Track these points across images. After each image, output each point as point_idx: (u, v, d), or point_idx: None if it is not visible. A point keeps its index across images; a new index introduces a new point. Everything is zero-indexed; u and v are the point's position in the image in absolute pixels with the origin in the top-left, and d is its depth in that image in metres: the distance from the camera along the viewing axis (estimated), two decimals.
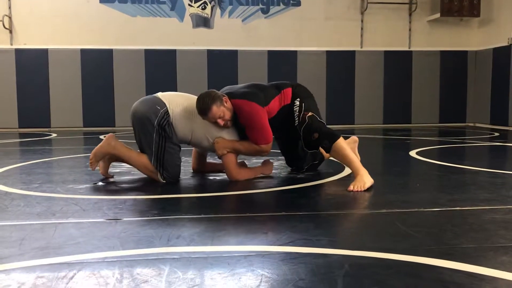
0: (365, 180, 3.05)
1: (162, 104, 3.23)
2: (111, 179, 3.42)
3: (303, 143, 3.34)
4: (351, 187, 3.00)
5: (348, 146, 3.25)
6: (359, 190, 2.99)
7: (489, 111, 9.40)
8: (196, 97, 3.28)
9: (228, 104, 3.22)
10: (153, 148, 3.22)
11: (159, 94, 3.35)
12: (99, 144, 3.33)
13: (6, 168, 3.96)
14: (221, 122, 3.19)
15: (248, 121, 3.24)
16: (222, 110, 3.16)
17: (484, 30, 9.78)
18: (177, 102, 3.29)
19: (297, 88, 3.49)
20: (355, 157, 3.22)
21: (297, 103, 3.38)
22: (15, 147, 6.13)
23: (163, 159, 3.23)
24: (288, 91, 3.43)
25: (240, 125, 3.32)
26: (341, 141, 3.22)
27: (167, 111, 3.21)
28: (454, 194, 2.87)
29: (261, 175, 3.50)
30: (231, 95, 3.28)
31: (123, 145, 3.38)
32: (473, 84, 9.92)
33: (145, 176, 3.44)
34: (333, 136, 3.23)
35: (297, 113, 3.35)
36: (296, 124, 3.34)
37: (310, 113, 3.32)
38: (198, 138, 3.29)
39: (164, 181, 3.28)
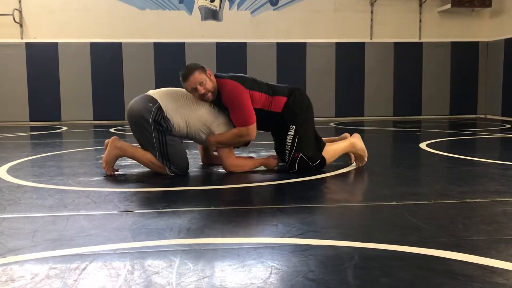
0: (357, 148, 3.49)
1: (153, 101, 3.24)
2: (121, 171, 3.44)
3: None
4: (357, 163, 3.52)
5: (334, 152, 3.47)
6: (363, 154, 3.52)
7: (500, 103, 9.31)
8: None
9: (212, 78, 3.27)
10: (155, 144, 3.23)
11: (150, 92, 3.36)
12: (107, 151, 3.34)
13: (18, 161, 4.00)
14: (201, 89, 3.20)
15: (230, 99, 3.23)
16: (204, 77, 3.21)
17: (495, 21, 9.66)
18: (169, 97, 3.30)
19: (292, 103, 3.37)
20: (341, 146, 3.49)
21: (292, 132, 3.33)
22: (26, 140, 6.19)
23: (167, 153, 3.25)
24: (281, 100, 3.38)
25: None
26: (328, 160, 3.42)
27: (160, 107, 3.21)
28: (464, 186, 2.86)
29: (263, 168, 3.49)
30: (218, 76, 3.34)
31: (129, 145, 3.41)
32: (484, 76, 9.83)
33: None
34: (320, 167, 3.38)
35: (289, 149, 3.33)
36: (285, 159, 3.37)
37: (300, 155, 3.31)
38: (194, 130, 3.30)
39: (173, 174, 3.30)
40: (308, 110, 3.45)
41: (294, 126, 3.33)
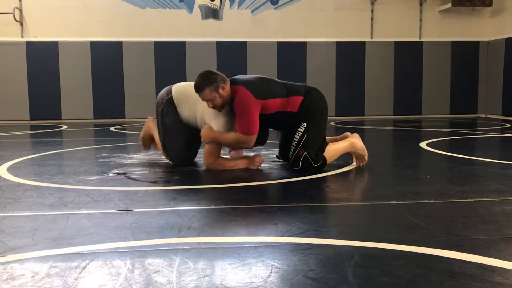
0: (357, 147, 3.48)
1: (169, 92, 3.51)
2: (121, 171, 3.45)
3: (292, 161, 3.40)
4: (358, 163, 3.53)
5: (335, 152, 3.46)
6: (363, 153, 3.50)
7: (500, 102, 9.31)
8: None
9: (225, 91, 3.24)
10: (159, 131, 3.58)
11: (176, 84, 3.62)
12: (142, 130, 3.89)
13: (18, 160, 4.01)
14: (210, 104, 3.27)
15: (239, 107, 3.23)
16: (214, 95, 3.21)
17: (496, 20, 9.66)
18: (185, 91, 3.50)
19: (308, 102, 3.38)
20: (341, 146, 3.48)
21: (302, 129, 3.33)
22: (26, 139, 6.19)
23: (164, 142, 3.55)
24: (297, 100, 3.37)
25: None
26: (328, 160, 3.41)
27: (171, 99, 3.46)
28: (464, 186, 2.86)
29: (264, 166, 3.50)
30: (234, 81, 3.32)
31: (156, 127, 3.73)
32: (484, 75, 9.83)
33: (156, 167, 3.52)
34: (321, 167, 3.37)
35: (295, 145, 3.33)
36: (289, 155, 3.37)
37: (304, 154, 3.30)
38: (201, 123, 3.44)
39: (172, 163, 3.61)
40: (323, 112, 3.46)
41: (305, 124, 3.33)
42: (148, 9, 9.35)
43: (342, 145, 3.50)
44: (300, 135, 3.33)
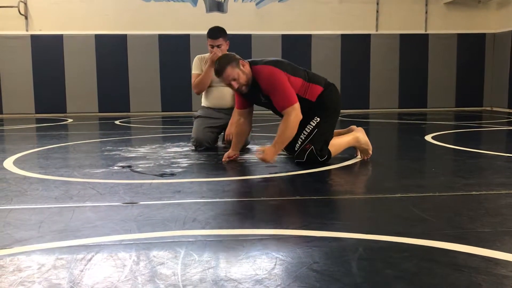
0: (361, 142, 3.46)
1: None
2: (126, 164, 3.46)
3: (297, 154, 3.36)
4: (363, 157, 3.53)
5: (339, 146, 3.44)
6: (367, 148, 3.48)
7: (507, 95, 9.25)
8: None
9: (246, 68, 3.18)
10: None
11: None
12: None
13: (24, 153, 4.03)
14: (235, 84, 3.18)
15: (269, 84, 3.16)
16: (237, 72, 3.15)
17: (502, 12, 9.58)
18: None
19: (327, 95, 3.35)
20: (345, 140, 3.46)
21: (314, 123, 3.28)
22: (32, 132, 6.21)
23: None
24: (317, 89, 3.34)
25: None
26: (333, 153, 3.39)
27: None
28: (470, 179, 2.85)
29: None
30: (253, 62, 3.27)
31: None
32: (490, 68, 9.76)
33: (161, 160, 3.53)
34: (326, 161, 3.34)
35: (303, 137, 3.29)
36: (296, 147, 3.32)
37: (311, 148, 3.26)
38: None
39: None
40: (337, 109, 3.45)
41: (318, 119, 3.30)
42: (152, 2, 9.33)
43: (346, 139, 3.49)
44: (311, 128, 3.29)
